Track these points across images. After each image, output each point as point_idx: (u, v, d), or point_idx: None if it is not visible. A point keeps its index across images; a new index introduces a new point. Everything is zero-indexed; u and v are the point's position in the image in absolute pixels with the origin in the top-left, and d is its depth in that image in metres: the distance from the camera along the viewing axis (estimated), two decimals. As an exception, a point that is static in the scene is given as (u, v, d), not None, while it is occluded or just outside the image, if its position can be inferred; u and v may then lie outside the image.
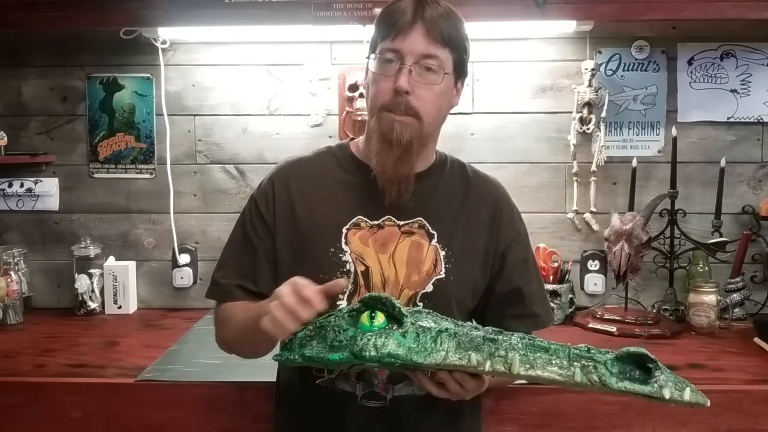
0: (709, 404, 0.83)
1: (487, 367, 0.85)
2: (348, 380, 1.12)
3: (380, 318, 0.88)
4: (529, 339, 0.87)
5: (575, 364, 0.83)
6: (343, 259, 1.13)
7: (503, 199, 1.24)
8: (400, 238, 1.15)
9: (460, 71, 1.15)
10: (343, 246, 1.13)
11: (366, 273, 1.12)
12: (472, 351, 0.86)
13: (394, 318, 0.89)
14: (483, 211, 1.20)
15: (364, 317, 0.89)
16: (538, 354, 0.85)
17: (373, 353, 0.86)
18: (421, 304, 1.11)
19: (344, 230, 1.14)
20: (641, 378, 0.82)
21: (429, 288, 1.13)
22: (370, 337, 0.87)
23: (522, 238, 1.24)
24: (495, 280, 1.20)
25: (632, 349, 0.83)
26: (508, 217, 1.22)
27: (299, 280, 0.97)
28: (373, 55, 1.13)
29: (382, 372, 1.11)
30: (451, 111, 1.19)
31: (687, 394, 0.81)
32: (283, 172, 1.22)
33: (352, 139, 1.27)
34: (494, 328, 0.90)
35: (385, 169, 1.11)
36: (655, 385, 0.81)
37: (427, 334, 0.87)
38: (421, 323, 0.89)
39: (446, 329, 0.88)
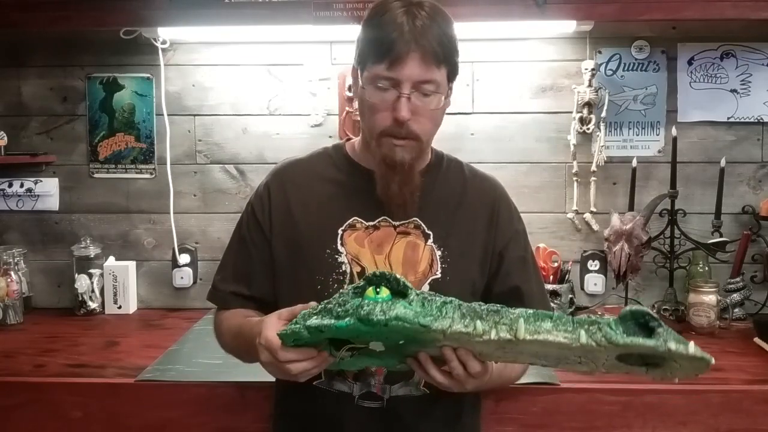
0: (713, 362, 0.83)
1: (493, 335, 0.85)
2: (345, 381, 1.13)
3: (385, 292, 0.88)
4: (532, 310, 0.87)
5: (579, 328, 0.84)
6: (339, 260, 1.13)
7: (502, 198, 1.23)
8: (396, 239, 1.15)
9: (453, 77, 1.13)
10: (339, 247, 1.13)
11: (362, 274, 1.12)
12: (477, 319, 0.86)
13: (399, 293, 0.89)
14: (480, 210, 1.20)
15: (369, 291, 0.89)
16: (542, 321, 0.85)
17: (380, 317, 0.85)
18: None
19: (340, 231, 1.14)
20: (646, 336, 0.82)
21: (425, 288, 1.12)
22: (376, 304, 0.87)
23: (520, 237, 1.23)
24: (493, 280, 1.20)
25: (634, 307, 0.83)
26: (506, 216, 1.22)
27: (267, 342, 0.96)
28: (362, 73, 1.09)
29: (379, 371, 1.11)
30: (451, 111, 1.19)
31: (692, 348, 0.81)
32: (278, 175, 1.23)
33: (349, 139, 1.27)
34: (496, 305, 0.90)
35: (390, 192, 1.11)
36: (660, 339, 0.81)
37: (432, 303, 0.88)
38: (425, 295, 0.89)
39: (450, 300, 0.89)
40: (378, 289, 0.88)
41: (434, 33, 1.05)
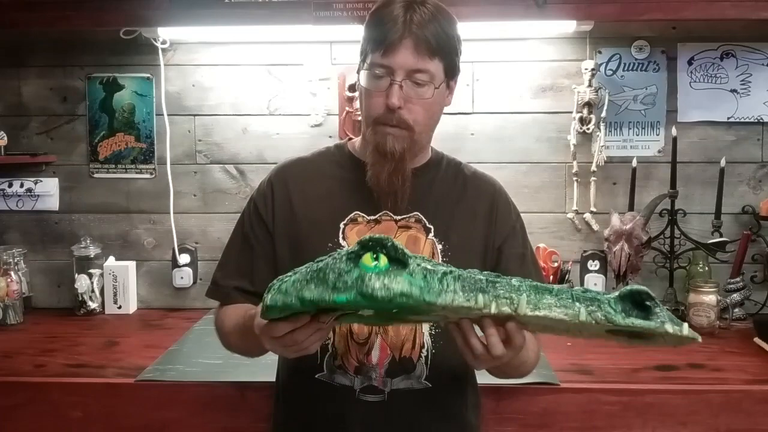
0: (701, 340, 0.85)
1: (493, 308, 0.85)
2: (346, 374, 1.13)
3: (383, 260, 0.84)
4: (530, 281, 0.87)
5: (579, 304, 0.84)
6: None
7: (500, 195, 1.24)
8: (397, 233, 1.15)
9: (451, 74, 1.15)
10: (341, 241, 1.14)
11: None
12: (479, 293, 0.85)
13: (397, 260, 0.85)
14: (479, 207, 1.21)
15: (367, 259, 0.84)
16: (543, 295, 0.85)
17: (384, 293, 0.82)
18: None
19: (341, 225, 1.15)
20: (643, 316, 0.84)
21: None
22: (379, 277, 0.83)
23: (518, 233, 1.24)
24: None
25: (634, 287, 0.84)
26: (504, 212, 1.23)
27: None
28: (363, 65, 1.13)
29: (380, 365, 1.11)
30: (451, 111, 1.20)
31: (686, 330, 0.83)
32: (281, 172, 1.24)
33: (350, 138, 1.28)
34: (494, 273, 0.89)
35: (380, 181, 1.12)
36: (658, 320, 0.83)
37: (434, 275, 0.85)
38: (425, 265, 0.86)
39: (451, 271, 0.87)
40: (375, 257, 0.84)
41: (430, 26, 1.08)
